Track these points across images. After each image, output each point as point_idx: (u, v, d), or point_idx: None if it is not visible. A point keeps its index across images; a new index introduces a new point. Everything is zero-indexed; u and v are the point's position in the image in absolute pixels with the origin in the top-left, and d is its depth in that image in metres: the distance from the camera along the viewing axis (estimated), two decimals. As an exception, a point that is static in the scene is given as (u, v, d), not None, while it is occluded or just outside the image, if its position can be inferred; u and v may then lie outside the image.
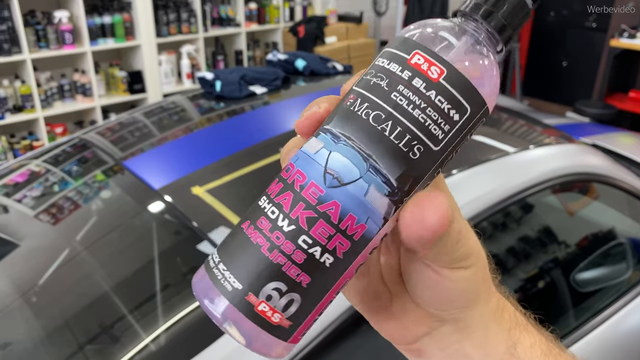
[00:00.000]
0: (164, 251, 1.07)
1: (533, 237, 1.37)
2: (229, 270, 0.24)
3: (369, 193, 0.23)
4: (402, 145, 0.23)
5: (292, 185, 0.24)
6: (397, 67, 0.24)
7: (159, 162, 1.29)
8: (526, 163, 1.25)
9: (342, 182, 0.23)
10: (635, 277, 1.38)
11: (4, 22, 2.82)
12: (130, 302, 0.97)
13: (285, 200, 0.24)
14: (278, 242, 0.23)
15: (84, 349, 0.90)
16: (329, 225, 0.23)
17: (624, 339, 1.31)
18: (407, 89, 0.23)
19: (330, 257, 0.23)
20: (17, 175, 1.40)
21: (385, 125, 0.23)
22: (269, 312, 0.23)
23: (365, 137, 0.23)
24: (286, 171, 0.25)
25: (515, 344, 0.30)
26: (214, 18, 3.69)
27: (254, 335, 0.24)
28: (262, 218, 0.24)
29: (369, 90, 0.24)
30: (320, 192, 0.23)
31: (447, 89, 0.23)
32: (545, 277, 1.35)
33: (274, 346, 0.24)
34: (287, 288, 0.23)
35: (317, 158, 0.24)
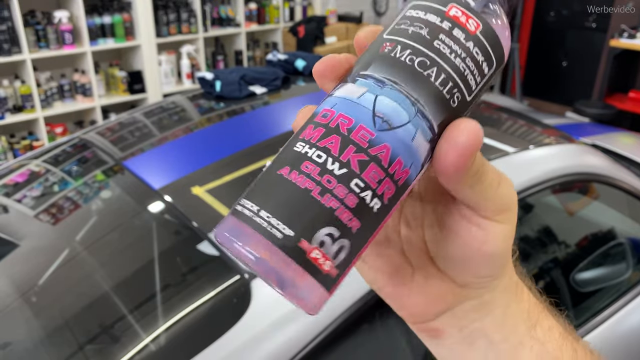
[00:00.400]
0: (164, 251, 1.07)
1: (533, 237, 1.37)
2: (276, 217, 0.22)
3: (416, 138, 0.23)
4: (445, 92, 0.23)
5: (338, 129, 0.23)
6: (436, 18, 0.24)
7: (159, 162, 1.29)
8: (526, 163, 1.25)
9: (392, 125, 0.23)
10: (635, 277, 1.38)
11: (4, 22, 2.82)
12: (130, 302, 0.97)
13: (332, 144, 0.23)
14: (330, 186, 0.22)
15: (84, 349, 0.90)
16: (380, 169, 0.23)
17: (624, 339, 1.31)
18: (448, 38, 0.24)
19: (378, 202, 0.23)
20: (17, 175, 1.40)
21: (431, 71, 0.23)
22: (321, 259, 0.22)
23: (412, 82, 0.23)
24: (323, 116, 0.24)
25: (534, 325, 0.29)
26: (213, 18, 3.69)
27: (301, 284, 0.22)
28: (305, 162, 0.23)
29: (410, 38, 0.24)
30: (371, 135, 0.23)
31: (483, 42, 0.24)
32: (545, 277, 1.35)
33: (318, 297, 0.23)
34: (340, 234, 0.22)
35: (362, 102, 0.23)
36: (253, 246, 0.22)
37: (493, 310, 0.28)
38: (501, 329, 0.29)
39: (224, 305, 0.88)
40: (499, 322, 0.29)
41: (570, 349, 0.30)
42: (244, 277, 0.89)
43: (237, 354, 0.80)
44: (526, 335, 0.29)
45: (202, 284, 0.96)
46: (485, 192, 0.25)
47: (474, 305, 0.28)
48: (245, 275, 0.89)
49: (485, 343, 0.29)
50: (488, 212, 0.25)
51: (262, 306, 0.84)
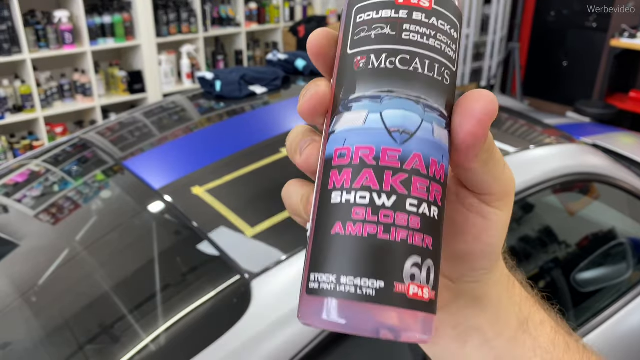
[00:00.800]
0: (164, 251, 1.07)
1: (533, 237, 1.37)
2: (359, 276, 0.21)
3: (435, 131, 0.23)
4: (436, 76, 0.23)
5: (364, 162, 0.22)
6: (390, 11, 0.23)
7: (159, 162, 1.29)
8: (527, 163, 1.25)
9: (411, 132, 0.22)
10: (636, 277, 1.38)
11: (4, 22, 2.82)
12: (131, 302, 0.97)
13: (368, 179, 0.22)
14: (389, 220, 0.22)
15: (84, 348, 0.90)
16: (423, 177, 0.22)
17: (624, 339, 1.31)
18: (412, 24, 0.23)
19: (435, 207, 0.23)
20: (17, 175, 1.40)
21: (415, 64, 0.23)
22: (419, 290, 0.22)
23: (405, 83, 0.23)
24: (340, 156, 0.23)
25: (526, 320, 0.30)
26: (214, 18, 3.69)
27: (413, 324, 0.22)
28: (354, 209, 0.22)
29: (377, 43, 0.23)
30: (398, 152, 0.22)
31: (441, 11, 0.24)
32: (546, 277, 1.35)
33: (430, 323, 0.23)
34: (422, 258, 0.22)
35: (371, 124, 0.23)
36: (353, 315, 0.21)
37: (486, 306, 0.29)
38: (494, 325, 0.29)
39: (224, 305, 0.88)
40: (491, 317, 0.29)
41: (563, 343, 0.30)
42: (244, 277, 0.89)
43: (237, 354, 0.79)
44: (519, 330, 0.29)
45: (202, 284, 0.96)
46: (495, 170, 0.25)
47: (468, 302, 0.28)
48: (245, 275, 0.89)
49: (479, 340, 0.29)
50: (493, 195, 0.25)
51: (262, 306, 0.84)
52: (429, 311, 0.22)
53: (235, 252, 0.93)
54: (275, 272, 0.88)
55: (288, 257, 0.90)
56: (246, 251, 0.94)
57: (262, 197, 1.12)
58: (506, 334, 0.29)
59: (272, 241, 0.95)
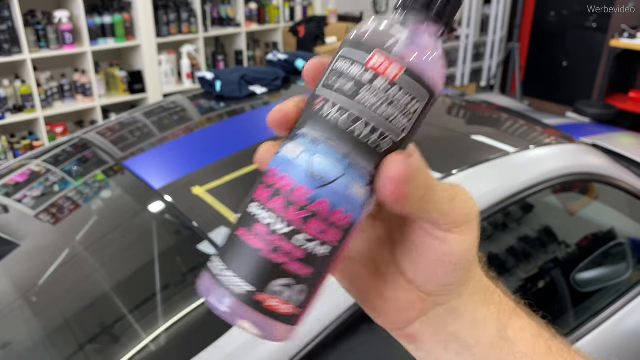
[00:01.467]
0: (165, 251, 1.07)
1: (533, 237, 1.37)
2: (236, 275, 0.26)
3: (351, 187, 0.26)
4: (373, 141, 0.25)
5: (280, 190, 0.26)
6: (358, 70, 0.25)
7: (159, 162, 1.29)
8: (526, 163, 1.25)
9: (328, 181, 0.25)
10: (635, 277, 1.38)
11: (4, 22, 2.82)
12: (131, 302, 0.97)
13: (277, 206, 0.26)
14: (278, 244, 0.25)
15: (85, 348, 0.90)
16: (321, 221, 0.25)
17: (624, 339, 1.31)
18: (370, 90, 0.25)
19: (327, 247, 0.26)
20: (18, 175, 1.40)
21: (357, 125, 0.25)
22: (278, 304, 0.26)
23: (341, 139, 0.25)
24: (270, 176, 0.26)
25: (505, 327, 0.31)
26: (214, 18, 3.69)
27: (269, 326, 0.26)
28: (256, 225, 0.26)
29: (336, 94, 0.26)
30: (309, 193, 0.25)
31: (405, 83, 0.25)
32: (546, 277, 1.35)
33: (286, 331, 0.27)
34: (292, 281, 0.26)
35: (300, 162, 0.26)
36: (223, 303, 0.26)
37: (462, 314, 0.30)
38: (472, 332, 0.31)
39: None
40: (469, 325, 0.31)
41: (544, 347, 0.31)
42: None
43: (238, 354, 0.80)
44: (496, 336, 0.31)
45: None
46: (439, 209, 0.27)
47: (444, 311, 0.30)
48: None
49: (459, 346, 0.31)
50: (448, 225, 0.28)
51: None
52: (283, 321, 0.26)
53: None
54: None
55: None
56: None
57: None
58: (485, 340, 0.31)
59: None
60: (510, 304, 0.32)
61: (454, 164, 1.13)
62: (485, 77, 5.01)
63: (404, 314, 0.31)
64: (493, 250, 1.27)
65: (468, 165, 1.14)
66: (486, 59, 4.98)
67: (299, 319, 0.27)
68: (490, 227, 1.23)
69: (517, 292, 1.29)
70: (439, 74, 0.26)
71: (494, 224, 1.25)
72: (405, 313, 0.31)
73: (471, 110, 1.61)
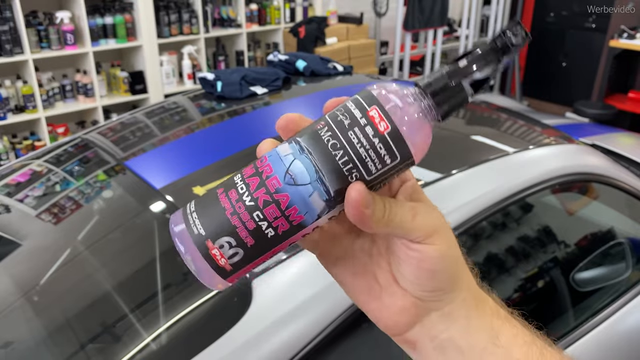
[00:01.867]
0: (165, 251, 1.08)
1: (533, 237, 1.37)
2: (199, 219, 0.32)
3: (312, 196, 0.31)
4: (345, 170, 0.30)
5: (261, 174, 0.31)
6: (359, 114, 0.31)
7: (160, 162, 1.30)
8: (526, 163, 1.26)
9: (296, 182, 0.30)
10: (635, 276, 1.39)
11: (6, 23, 2.83)
12: (132, 301, 0.98)
13: (252, 183, 0.31)
14: (239, 210, 0.31)
15: (86, 348, 0.91)
16: (278, 209, 0.31)
17: (623, 339, 1.31)
18: (360, 132, 0.30)
19: (272, 231, 0.31)
20: (19, 175, 1.41)
21: (338, 152, 0.30)
22: (219, 256, 0.31)
23: (321, 157, 0.31)
24: (260, 161, 0.32)
25: (497, 334, 0.33)
26: (215, 19, 3.70)
27: (204, 269, 0.32)
28: (232, 190, 0.32)
29: (334, 124, 0.31)
30: (278, 185, 0.31)
31: (387, 140, 0.30)
32: (545, 277, 1.36)
33: (216, 280, 0.33)
34: (236, 243, 0.31)
35: (284, 160, 0.31)
36: (180, 235, 0.32)
37: (456, 320, 0.33)
38: (466, 337, 0.33)
39: (224, 304, 0.88)
40: (463, 330, 0.33)
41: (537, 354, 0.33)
42: (245, 276, 0.89)
43: (238, 354, 0.80)
44: (489, 342, 0.33)
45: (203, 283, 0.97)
46: (403, 227, 0.31)
47: (438, 317, 0.33)
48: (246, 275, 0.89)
49: (454, 351, 0.33)
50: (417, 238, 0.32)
51: (263, 306, 0.85)
52: (217, 271, 0.32)
53: (236, 251, 0.93)
54: (276, 271, 0.89)
55: (288, 257, 0.90)
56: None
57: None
58: (478, 346, 0.33)
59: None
60: (503, 313, 0.35)
61: (454, 164, 1.14)
62: (486, 78, 4.99)
63: (401, 318, 0.34)
64: (493, 249, 1.27)
65: (468, 166, 1.15)
66: (486, 60, 4.96)
67: (230, 276, 0.33)
68: (490, 227, 1.24)
69: (516, 291, 1.29)
70: (418, 148, 0.31)
71: (493, 224, 1.25)
72: (402, 318, 0.34)
73: (471, 110, 1.61)
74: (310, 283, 0.87)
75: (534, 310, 1.31)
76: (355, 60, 3.86)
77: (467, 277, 0.34)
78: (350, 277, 0.36)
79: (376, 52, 4.11)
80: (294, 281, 0.87)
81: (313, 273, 0.87)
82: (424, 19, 4.12)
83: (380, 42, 4.19)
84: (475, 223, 1.06)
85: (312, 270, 0.87)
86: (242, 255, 0.32)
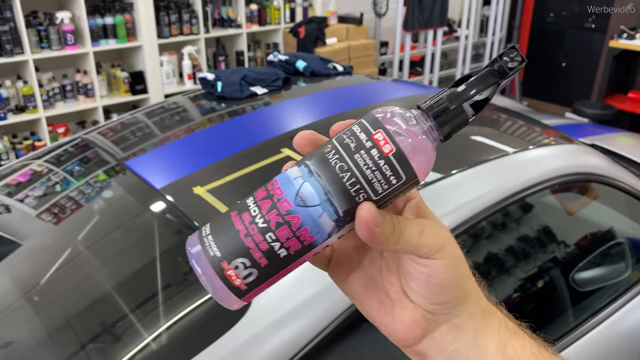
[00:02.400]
0: (166, 251, 1.08)
1: (532, 237, 1.38)
2: (214, 241, 0.33)
3: (322, 216, 0.32)
4: (352, 191, 0.32)
5: (272, 196, 0.33)
6: (364, 137, 0.32)
7: (160, 162, 1.30)
8: (526, 163, 1.26)
9: (306, 204, 0.32)
10: (634, 276, 1.39)
11: (6, 23, 2.83)
12: (132, 301, 0.98)
13: (264, 205, 0.33)
14: (252, 232, 0.32)
15: (86, 347, 0.91)
16: (289, 230, 0.32)
17: (623, 339, 1.32)
18: (366, 154, 0.32)
19: (285, 251, 0.32)
20: (20, 175, 1.41)
21: (345, 174, 0.32)
22: (234, 276, 0.33)
23: (330, 179, 0.32)
24: (271, 184, 0.34)
25: (505, 345, 0.34)
26: (215, 19, 3.70)
27: (220, 289, 0.33)
28: (245, 212, 0.33)
29: (341, 147, 0.33)
30: (289, 207, 0.32)
31: (392, 161, 0.32)
32: (545, 277, 1.36)
33: (232, 300, 0.34)
34: (250, 264, 0.32)
35: (294, 182, 0.33)
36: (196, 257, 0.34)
37: (464, 331, 0.34)
38: (474, 349, 0.34)
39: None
40: (471, 342, 0.34)
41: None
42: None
43: (238, 354, 0.80)
44: (497, 353, 0.34)
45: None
46: (411, 244, 0.32)
47: (447, 329, 0.34)
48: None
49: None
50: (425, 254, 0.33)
51: (263, 306, 0.85)
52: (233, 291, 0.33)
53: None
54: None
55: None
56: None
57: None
58: (486, 357, 0.34)
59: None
60: (510, 325, 0.36)
61: (454, 164, 1.14)
62: (485, 78, 4.99)
63: (411, 331, 0.35)
64: (493, 249, 1.27)
65: (468, 166, 1.15)
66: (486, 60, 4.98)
67: (246, 296, 0.34)
68: (489, 227, 1.24)
69: (516, 291, 1.29)
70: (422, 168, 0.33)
71: (493, 224, 1.25)
72: (412, 331, 0.35)
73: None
74: (310, 283, 0.87)
75: (534, 310, 1.31)
76: (355, 61, 3.86)
77: (475, 290, 0.35)
78: (361, 292, 0.37)
79: (376, 52, 4.11)
80: (294, 281, 0.87)
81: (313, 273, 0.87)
82: (424, 19, 4.12)
83: (380, 42, 4.19)
84: (475, 223, 1.06)
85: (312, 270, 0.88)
86: (256, 275, 0.33)
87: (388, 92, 1.75)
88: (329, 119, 1.37)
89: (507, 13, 4.95)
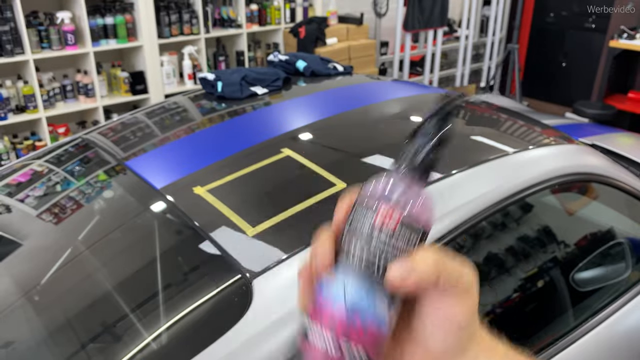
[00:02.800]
0: (166, 250, 1.08)
1: (532, 237, 1.38)
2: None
3: (377, 307, 0.32)
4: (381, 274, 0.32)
5: (326, 324, 0.32)
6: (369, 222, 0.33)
7: (161, 162, 1.30)
8: (526, 163, 1.26)
9: (357, 309, 0.32)
10: (634, 276, 1.39)
11: (7, 23, 2.84)
12: (132, 301, 0.98)
13: (327, 332, 0.32)
14: None
15: (86, 348, 0.91)
16: (356, 333, 0.32)
17: (623, 339, 1.32)
18: (380, 237, 0.32)
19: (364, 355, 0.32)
20: (20, 175, 1.41)
21: (371, 267, 0.33)
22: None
23: (365, 278, 0.32)
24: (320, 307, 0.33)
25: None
26: (215, 19, 3.71)
27: None
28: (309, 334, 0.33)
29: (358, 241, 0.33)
30: (345, 322, 0.32)
31: (404, 229, 0.33)
32: (545, 277, 1.36)
33: None
34: None
35: (336, 298, 0.33)
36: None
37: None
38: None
39: (225, 304, 0.89)
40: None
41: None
42: (245, 276, 0.90)
43: (238, 353, 0.80)
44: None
45: (204, 283, 0.97)
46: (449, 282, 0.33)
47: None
48: (246, 274, 0.90)
49: None
50: (460, 286, 0.33)
51: (263, 305, 0.85)
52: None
53: (236, 252, 0.94)
54: (276, 271, 0.89)
55: (289, 257, 0.91)
56: (247, 250, 0.95)
57: (263, 197, 1.13)
58: None
59: (273, 240, 0.96)
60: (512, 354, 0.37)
61: (454, 164, 1.14)
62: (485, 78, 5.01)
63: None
64: (493, 249, 1.27)
65: (468, 166, 1.15)
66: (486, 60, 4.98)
67: None
68: (489, 227, 1.24)
69: (516, 291, 1.29)
70: (427, 217, 0.34)
71: (493, 224, 1.25)
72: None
73: (470, 110, 1.61)
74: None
75: (534, 310, 1.32)
76: (356, 61, 3.87)
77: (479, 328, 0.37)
78: None
79: (376, 52, 4.11)
80: (294, 281, 0.87)
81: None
82: (424, 19, 4.13)
83: (380, 42, 4.20)
84: (475, 223, 1.06)
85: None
86: None
87: (388, 92, 1.75)
88: (329, 119, 1.37)
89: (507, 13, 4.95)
